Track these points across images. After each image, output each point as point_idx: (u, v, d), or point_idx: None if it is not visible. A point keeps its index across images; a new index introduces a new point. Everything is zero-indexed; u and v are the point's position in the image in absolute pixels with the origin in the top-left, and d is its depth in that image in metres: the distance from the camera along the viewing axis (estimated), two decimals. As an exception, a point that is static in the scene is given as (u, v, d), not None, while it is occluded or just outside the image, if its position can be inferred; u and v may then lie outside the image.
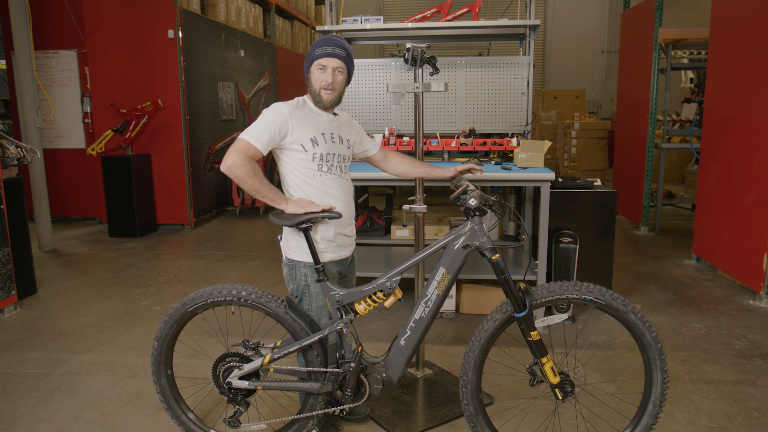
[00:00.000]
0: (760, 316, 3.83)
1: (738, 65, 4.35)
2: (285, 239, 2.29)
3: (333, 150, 2.24)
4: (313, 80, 2.21)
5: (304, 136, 2.17)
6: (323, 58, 2.16)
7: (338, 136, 2.28)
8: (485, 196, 2.06)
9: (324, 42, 2.18)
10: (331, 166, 2.24)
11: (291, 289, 2.32)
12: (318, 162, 2.20)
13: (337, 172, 2.26)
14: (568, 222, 3.80)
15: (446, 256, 2.09)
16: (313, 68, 2.20)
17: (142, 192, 6.44)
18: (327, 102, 2.21)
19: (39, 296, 4.44)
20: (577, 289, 2.02)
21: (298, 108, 2.20)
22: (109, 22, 6.43)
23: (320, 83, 2.18)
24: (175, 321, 2.23)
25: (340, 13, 4.50)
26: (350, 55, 2.23)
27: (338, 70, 2.19)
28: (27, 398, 2.86)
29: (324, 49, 2.16)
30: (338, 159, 2.27)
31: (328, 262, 2.28)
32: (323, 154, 2.20)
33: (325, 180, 2.22)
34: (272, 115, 2.14)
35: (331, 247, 2.28)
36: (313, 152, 2.19)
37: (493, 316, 2.09)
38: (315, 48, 2.19)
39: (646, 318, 2.02)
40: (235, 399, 2.23)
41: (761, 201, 4.00)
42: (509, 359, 2.93)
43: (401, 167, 2.58)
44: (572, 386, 2.09)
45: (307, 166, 2.20)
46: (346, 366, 2.18)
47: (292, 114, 2.16)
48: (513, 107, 4.38)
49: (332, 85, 2.18)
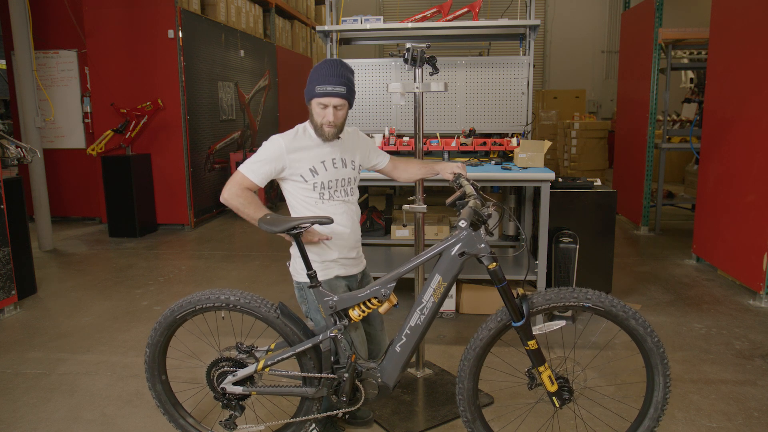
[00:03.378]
0: (760, 316, 3.83)
1: (738, 65, 4.35)
2: (292, 263, 2.28)
3: (335, 176, 2.23)
4: (314, 114, 2.17)
5: (302, 167, 2.17)
6: (324, 98, 2.12)
7: (341, 160, 2.25)
8: (477, 211, 1.96)
9: (324, 78, 2.11)
10: (334, 192, 2.23)
11: (305, 311, 2.30)
12: (320, 191, 2.20)
13: (341, 197, 2.25)
14: (568, 222, 3.80)
15: (442, 263, 2.04)
16: (314, 104, 2.16)
17: (142, 192, 6.44)
18: (329, 136, 2.18)
19: (39, 296, 4.44)
20: (575, 296, 1.98)
21: (296, 139, 2.18)
22: (109, 22, 6.43)
23: (321, 119, 2.15)
24: (165, 328, 2.22)
25: (340, 13, 4.49)
26: (351, 86, 2.17)
27: (339, 107, 2.15)
28: (27, 398, 2.86)
29: (324, 88, 2.10)
30: (342, 183, 2.25)
31: (334, 278, 2.27)
32: (324, 183, 2.20)
33: (327, 207, 2.22)
34: (269, 150, 2.15)
35: (335, 267, 2.28)
36: (313, 182, 2.18)
37: (488, 325, 2.05)
38: (315, 83, 2.12)
39: (648, 322, 1.98)
40: (229, 404, 2.22)
41: (761, 201, 4.00)
42: (510, 359, 2.92)
43: (408, 173, 2.57)
44: (570, 393, 2.06)
45: (309, 195, 2.20)
46: (340, 372, 2.16)
47: (289, 148, 2.15)
48: (513, 107, 4.38)
49: (334, 122, 2.16)
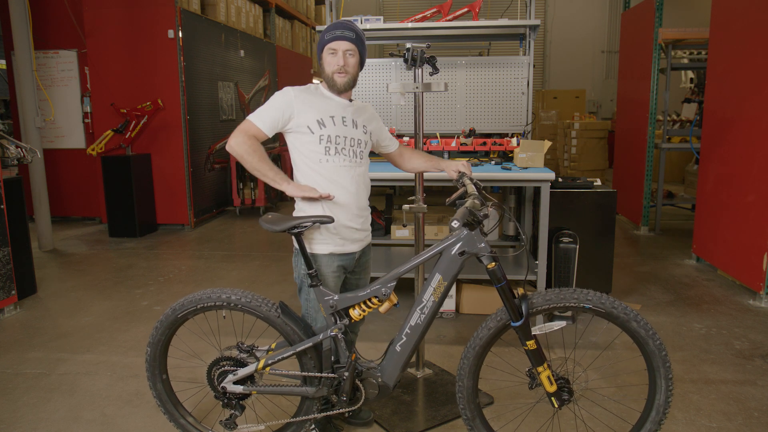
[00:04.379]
0: (760, 316, 3.83)
1: (738, 65, 4.35)
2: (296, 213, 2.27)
3: (344, 133, 2.19)
4: (325, 65, 2.20)
5: (310, 118, 2.15)
6: (333, 42, 2.15)
7: (351, 120, 2.23)
8: (473, 212, 1.94)
9: (333, 26, 2.17)
10: (342, 149, 2.18)
11: (294, 277, 2.29)
12: (325, 144, 2.15)
13: (349, 156, 2.19)
14: (568, 222, 3.80)
15: (442, 263, 2.03)
16: (325, 53, 2.19)
17: (142, 192, 6.44)
18: (340, 85, 2.19)
19: (39, 296, 4.43)
20: (575, 296, 1.96)
21: (306, 92, 2.20)
22: (109, 22, 6.43)
23: (332, 67, 2.17)
24: (167, 327, 2.22)
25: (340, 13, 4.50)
26: (360, 37, 2.20)
27: (349, 52, 2.17)
28: (27, 398, 2.86)
29: (333, 33, 2.15)
30: (351, 143, 2.20)
31: (328, 255, 2.21)
32: (331, 137, 2.16)
33: (332, 166, 2.17)
34: (278, 97, 2.16)
35: (333, 239, 2.21)
36: (320, 134, 2.15)
37: (488, 324, 2.05)
38: (325, 33, 2.18)
39: (649, 325, 1.96)
40: (229, 403, 2.22)
41: (761, 201, 4.00)
42: (510, 359, 2.92)
43: (412, 163, 2.57)
44: (570, 393, 2.05)
45: (314, 150, 2.16)
46: (340, 372, 2.16)
47: (298, 96, 2.15)
48: (513, 107, 4.38)
49: (344, 68, 2.17)
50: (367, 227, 2.34)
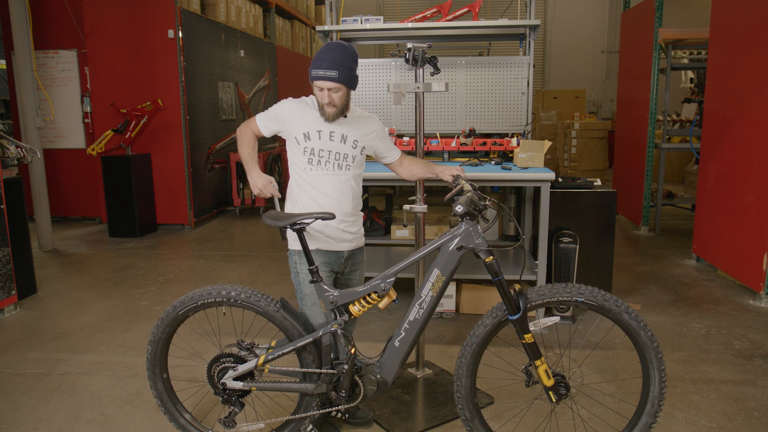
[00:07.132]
0: (760, 316, 3.83)
1: (738, 65, 4.35)
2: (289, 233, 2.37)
3: (329, 147, 2.29)
4: (316, 93, 2.26)
5: (297, 130, 2.29)
6: (317, 81, 2.20)
7: (341, 135, 2.30)
8: (474, 201, 2.01)
9: (317, 63, 2.18)
10: (326, 162, 2.30)
11: (292, 276, 2.38)
12: (308, 156, 2.29)
13: (332, 168, 2.31)
14: (568, 222, 3.80)
15: (441, 258, 2.09)
16: (314, 84, 2.24)
17: (142, 192, 6.44)
18: (329, 115, 2.26)
19: (39, 296, 4.44)
20: (568, 291, 2.03)
21: (302, 104, 2.33)
22: (109, 22, 6.43)
23: (321, 99, 2.24)
24: (167, 324, 2.24)
25: (340, 13, 4.50)
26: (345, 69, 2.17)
27: (333, 90, 2.20)
28: (27, 398, 2.86)
29: (316, 72, 2.18)
30: (335, 156, 2.30)
31: (314, 250, 2.30)
32: (315, 149, 2.29)
33: (315, 174, 2.30)
34: (277, 106, 2.35)
35: (320, 237, 2.32)
36: (304, 146, 2.29)
37: (484, 321, 2.09)
38: (312, 64, 2.22)
39: (641, 317, 2.02)
40: (229, 400, 2.23)
41: (761, 201, 4.00)
42: (509, 358, 2.93)
43: (410, 171, 2.60)
44: (567, 388, 2.09)
45: (300, 158, 2.32)
46: (340, 367, 2.18)
47: (291, 109, 2.31)
48: (513, 107, 4.38)
49: (330, 103, 2.22)
50: (355, 230, 2.42)
